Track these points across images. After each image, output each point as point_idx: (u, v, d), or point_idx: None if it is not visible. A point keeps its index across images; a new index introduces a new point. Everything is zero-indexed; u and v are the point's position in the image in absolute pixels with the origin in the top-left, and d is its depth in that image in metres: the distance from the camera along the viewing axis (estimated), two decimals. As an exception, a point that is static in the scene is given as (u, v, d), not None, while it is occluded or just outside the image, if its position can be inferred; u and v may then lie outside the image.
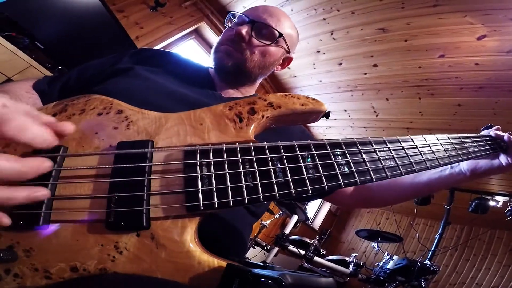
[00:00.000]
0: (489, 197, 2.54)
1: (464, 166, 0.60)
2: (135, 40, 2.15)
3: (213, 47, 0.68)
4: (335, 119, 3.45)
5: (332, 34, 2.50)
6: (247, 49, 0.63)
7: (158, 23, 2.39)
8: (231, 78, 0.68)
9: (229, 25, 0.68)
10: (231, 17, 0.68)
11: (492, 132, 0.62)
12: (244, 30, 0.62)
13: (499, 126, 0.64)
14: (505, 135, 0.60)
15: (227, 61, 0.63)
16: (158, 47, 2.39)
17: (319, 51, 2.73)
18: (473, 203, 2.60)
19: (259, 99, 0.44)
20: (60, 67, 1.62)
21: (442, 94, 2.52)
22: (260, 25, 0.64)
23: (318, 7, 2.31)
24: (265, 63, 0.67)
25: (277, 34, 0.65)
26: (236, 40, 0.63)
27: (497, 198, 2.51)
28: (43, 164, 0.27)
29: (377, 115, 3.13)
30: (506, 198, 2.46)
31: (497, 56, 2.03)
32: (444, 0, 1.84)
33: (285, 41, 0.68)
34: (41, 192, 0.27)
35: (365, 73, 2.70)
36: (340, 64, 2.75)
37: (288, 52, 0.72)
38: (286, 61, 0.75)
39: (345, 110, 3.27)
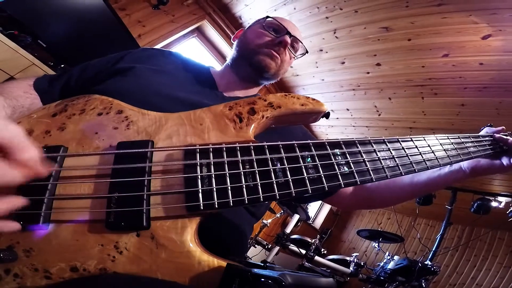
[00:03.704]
0: (491, 198, 2.52)
1: (465, 163, 0.60)
2: (137, 38, 2.15)
3: (250, 47, 0.70)
4: (337, 118, 3.43)
5: (335, 32, 2.48)
6: (285, 57, 0.71)
7: (160, 21, 2.39)
8: (254, 75, 0.70)
9: (266, 29, 0.71)
10: (267, 22, 0.72)
11: (496, 135, 0.62)
12: (289, 41, 0.69)
13: (504, 127, 0.64)
14: (510, 139, 0.59)
15: (271, 64, 0.68)
16: (160, 45, 2.39)
17: (321, 50, 2.71)
18: (475, 204, 2.58)
19: (259, 99, 0.44)
20: (62, 65, 1.62)
21: (445, 93, 2.50)
22: (295, 40, 0.72)
23: (321, 5, 2.29)
24: (286, 70, 0.75)
25: (305, 50, 0.76)
26: (278, 46, 0.69)
27: (500, 198, 2.50)
28: (14, 206, 0.27)
29: (379, 115, 3.11)
30: (509, 199, 2.45)
31: (502, 56, 2.01)
32: (449, -1, 1.82)
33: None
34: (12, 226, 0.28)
35: (368, 72, 2.68)
36: (343, 63, 2.74)
37: None
38: None
39: (348, 109, 3.25)
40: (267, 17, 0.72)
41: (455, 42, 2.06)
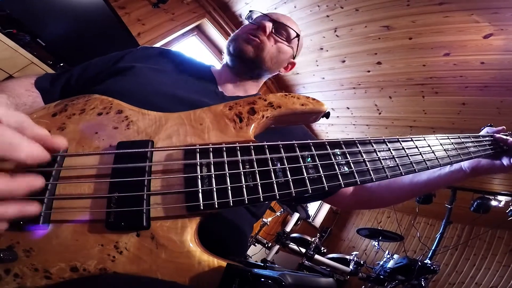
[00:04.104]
0: (491, 197, 2.53)
1: (465, 163, 0.61)
2: (137, 37, 2.14)
3: (230, 38, 0.71)
4: (338, 116, 3.43)
5: (335, 31, 2.47)
6: (266, 39, 0.67)
7: (160, 19, 2.38)
8: (243, 67, 0.69)
9: (249, 21, 0.71)
10: (251, 15, 0.72)
11: (496, 135, 0.62)
12: (267, 24, 0.66)
13: (504, 127, 0.64)
14: (510, 139, 0.59)
15: (247, 47, 0.66)
16: (160, 43, 2.39)
17: (322, 48, 2.70)
18: (475, 203, 2.58)
19: (259, 99, 0.44)
20: (61, 64, 1.62)
21: (446, 92, 2.50)
22: (280, 25, 0.70)
23: (321, 4, 2.29)
24: (278, 58, 0.71)
25: (295, 34, 0.72)
26: (256, 31, 0.67)
27: (499, 198, 2.50)
28: (34, 183, 0.27)
29: (380, 113, 3.11)
30: (508, 198, 2.45)
31: (503, 55, 2.00)
32: (450, -2, 1.81)
33: (297, 44, 0.74)
34: (32, 208, 0.27)
35: (369, 71, 2.68)
36: (343, 61, 2.73)
37: (294, 57, 0.77)
38: (290, 64, 0.80)
39: (348, 108, 3.25)
40: (250, 11, 0.73)
41: (457, 41, 2.05)
